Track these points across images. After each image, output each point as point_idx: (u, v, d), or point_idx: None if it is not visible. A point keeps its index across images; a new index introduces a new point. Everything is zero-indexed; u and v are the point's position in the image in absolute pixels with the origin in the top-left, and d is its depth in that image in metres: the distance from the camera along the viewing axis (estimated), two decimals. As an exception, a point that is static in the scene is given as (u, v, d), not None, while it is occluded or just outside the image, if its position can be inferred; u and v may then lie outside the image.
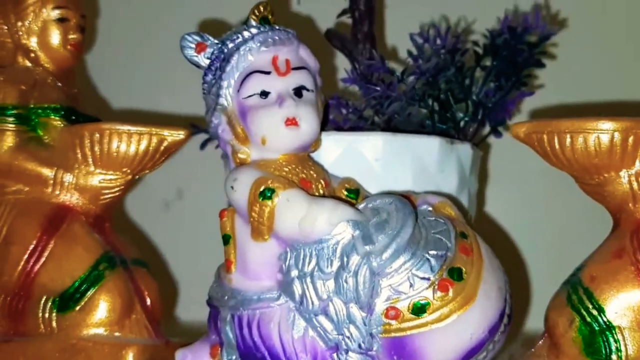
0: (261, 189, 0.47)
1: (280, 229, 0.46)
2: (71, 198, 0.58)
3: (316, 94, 0.51)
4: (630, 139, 0.50)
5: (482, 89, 0.64)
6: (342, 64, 0.68)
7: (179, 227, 0.82)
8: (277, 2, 0.75)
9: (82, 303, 0.56)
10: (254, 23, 0.51)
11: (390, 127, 0.63)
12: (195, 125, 0.69)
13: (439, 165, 0.59)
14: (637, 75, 0.69)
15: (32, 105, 0.59)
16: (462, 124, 0.64)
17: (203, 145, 0.67)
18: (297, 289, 0.46)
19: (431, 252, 0.46)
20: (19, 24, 0.61)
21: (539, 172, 0.59)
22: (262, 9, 0.52)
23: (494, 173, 0.79)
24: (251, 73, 0.49)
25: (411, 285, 0.45)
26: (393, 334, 0.45)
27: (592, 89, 0.78)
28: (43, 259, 0.56)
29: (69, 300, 0.56)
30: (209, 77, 0.51)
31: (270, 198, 0.46)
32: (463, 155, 0.61)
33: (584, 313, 0.50)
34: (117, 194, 0.59)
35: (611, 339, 0.50)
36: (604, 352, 0.50)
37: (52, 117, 0.59)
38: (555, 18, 0.79)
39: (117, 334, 0.56)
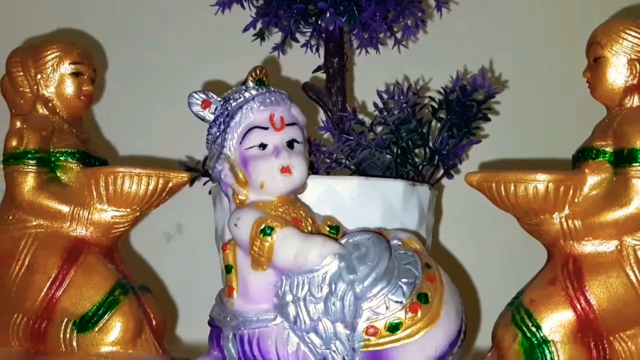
0: (262, 227, 0.54)
1: (278, 261, 0.54)
2: (86, 232, 0.64)
3: (304, 145, 0.58)
4: (562, 189, 0.59)
5: (437, 138, 0.72)
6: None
7: (178, 257, 0.88)
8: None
9: (100, 324, 0.61)
10: (251, 84, 0.58)
11: (359, 169, 0.71)
12: (186, 165, 0.76)
13: (403, 204, 0.67)
14: (564, 132, 0.77)
15: (51, 150, 0.64)
16: (420, 167, 0.72)
17: (192, 183, 0.74)
18: (291, 310, 0.53)
19: (403, 280, 0.54)
20: (38, 76, 0.66)
21: (485, 209, 0.66)
22: (258, 72, 0.59)
23: (447, 210, 0.87)
24: (252, 128, 0.56)
25: (387, 308, 0.53)
26: (372, 348, 0.53)
27: (529, 141, 0.87)
28: (64, 286, 0.61)
29: (88, 322, 0.61)
30: (214, 130, 0.58)
31: (269, 235, 0.54)
32: (423, 196, 0.69)
33: (525, 330, 0.59)
34: (127, 228, 0.65)
35: (547, 351, 0.59)
36: (541, 362, 0.59)
37: (69, 160, 0.65)
38: (499, 79, 0.88)
39: (130, 351, 0.62)
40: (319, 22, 0.74)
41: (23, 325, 0.62)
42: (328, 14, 0.70)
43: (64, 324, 0.62)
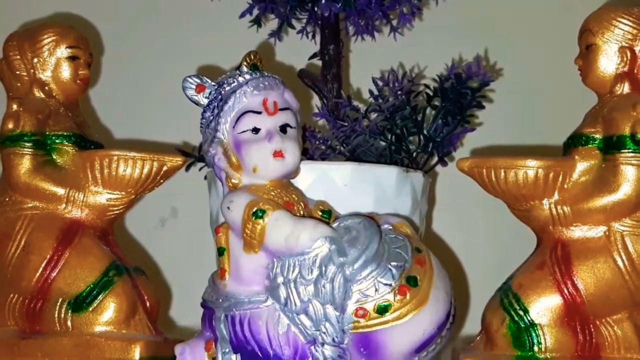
0: (254, 210, 0.54)
1: (270, 244, 0.54)
2: (81, 214, 0.65)
3: (297, 130, 0.59)
4: (551, 175, 0.60)
5: (432, 125, 0.73)
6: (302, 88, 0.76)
7: (173, 241, 0.89)
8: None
9: (95, 305, 0.62)
10: (245, 69, 0.59)
11: (354, 156, 0.72)
12: (182, 151, 0.77)
13: (396, 191, 0.67)
14: (556, 120, 0.78)
15: (47, 133, 0.65)
16: (414, 154, 0.73)
17: (188, 168, 0.75)
18: (282, 292, 0.54)
19: (392, 263, 0.54)
20: (35, 60, 0.67)
21: (477, 196, 0.67)
22: (252, 57, 0.60)
23: (440, 197, 0.88)
24: (245, 113, 0.57)
25: (376, 290, 0.53)
26: (361, 330, 0.53)
27: (522, 128, 0.87)
28: (59, 267, 0.63)
29: (82, 302, 0.62)
30: (208, 114, 0.58)
31: (261, 218, 0.54)
32: (416, 182, 0.69)
33: (513, 314, 0.60)
34: (121, 210, 0.66)
35: (534, 335, 0.60)
36: (528, 344, 0.60)
37: (65, 143, 0.66)
38: (493, 67, 0.88)
39: (124, 331, 0.63)
40: (315, 8, 0.74)
41: (19, 305, 0.64)
42: (324, 1, 0.70)
43: (58, 304, 0.63)
